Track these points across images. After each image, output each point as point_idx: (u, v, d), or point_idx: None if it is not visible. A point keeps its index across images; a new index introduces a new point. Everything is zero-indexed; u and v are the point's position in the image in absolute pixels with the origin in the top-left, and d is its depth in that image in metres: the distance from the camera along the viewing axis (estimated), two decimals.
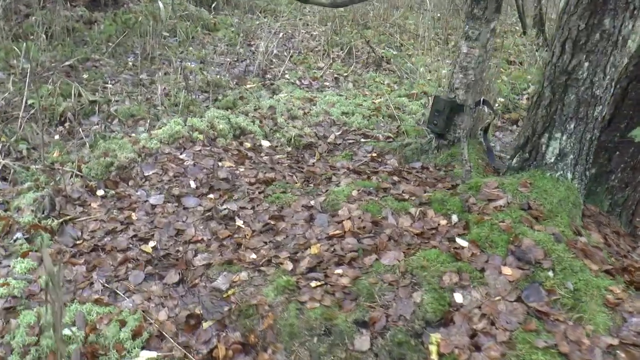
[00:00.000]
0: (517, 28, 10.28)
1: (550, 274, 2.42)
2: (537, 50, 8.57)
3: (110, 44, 5.83)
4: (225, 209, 3.19)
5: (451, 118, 3.90)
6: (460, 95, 3.88)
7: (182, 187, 3.45)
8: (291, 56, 7.01)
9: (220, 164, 3.77)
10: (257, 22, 8.00)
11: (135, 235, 3.03)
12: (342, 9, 9.07)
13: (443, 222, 2.88)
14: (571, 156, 3.04)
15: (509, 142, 5.09)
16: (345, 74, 6.80)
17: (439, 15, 10.26)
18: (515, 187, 2.99)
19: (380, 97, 5.96)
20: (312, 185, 3.56)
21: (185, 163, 3.72)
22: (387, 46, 8.09)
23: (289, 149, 4.46)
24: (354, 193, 3.25)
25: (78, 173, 3.65)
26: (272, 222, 3.06)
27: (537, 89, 3.13)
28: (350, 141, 4.59)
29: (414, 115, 5.49)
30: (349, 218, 2.99)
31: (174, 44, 6.47)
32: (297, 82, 6.31)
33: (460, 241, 2.66)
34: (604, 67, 2.91)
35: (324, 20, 8.75)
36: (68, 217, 3.16)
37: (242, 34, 7.18)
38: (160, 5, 5.34)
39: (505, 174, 3.25)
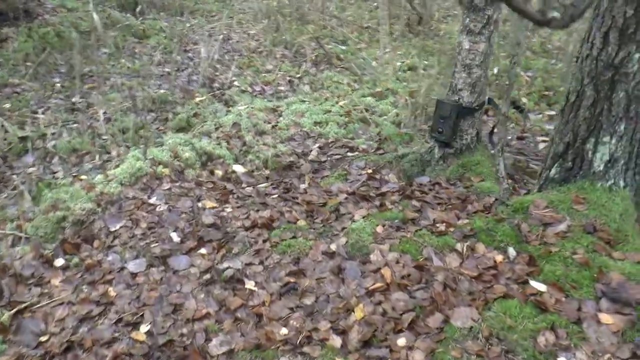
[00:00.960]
0: (455, 12, 10.06)
1: None
2: None
3: (30, 63, 4.96)
4: (227, 268, 2.58)
5: (457, 124, 3.46)
6: (465, 97, 3.44)
7: (162, 242, 2.80)
8: (234, 60, 6.35)
9: (200, 205, 3.13)
10: (189, 25, 7.25)
11: (120, 320, 2.37)
12: (275, 3, 8.45)
13: (499, 257, 2.42)
14: (622, 161, 2.67)
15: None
16: (298, 75, 6.24)
17: (376, 4, 9.87)
18: (568, 204, 2.58)
19: (344, 99, 5.46)
20: (319, 221, 3.00)
21: (157, 209, 3.06)
22: (333, 41, 7.58)
23: (267, 172, 3.87)
24: (379, 229, 2.73)
25: (23, 236, 2.91)
26: (293, 280, 2.49)
27: (574, 87, 2.72)
28: (336, 156, 4.05)
29: (386, 117, 5.04)
30: (386, 264, 2.48)
31: (104, 57, 5.65)
32: (249, 89, 5.69)
33: (536, 284, 2.21)
34: None
35: (259, 17, 8.11)
36: (23, 304, 2.44)
37: (177, 40, 6.43)
38: (95, 16, 4.54)
39: (546, 187, 2.84)
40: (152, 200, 3.13)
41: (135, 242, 2.80)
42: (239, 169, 3.84)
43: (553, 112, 6.30)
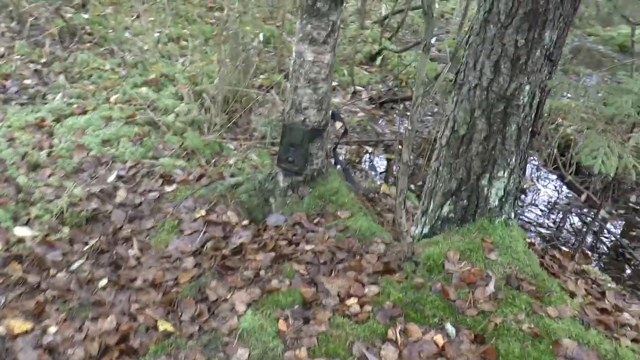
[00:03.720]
0: None
1: None
2: None
3: None
4: None
5: (309, 149, 2.98)
6: (311, 116, 2.96)
7: None
8: None
9: (2, 330, 2.09)
10: None
11: None
12: None
13: (439, 339, 2.10)
14: (512, 194, 2.56)
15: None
16: (44, 61, 4.87)
17: None
18: (481, 254, 2.37)
19: (114, 92, 4.45)
20: (188, 318, 2.26)
21: None
22: (67, 4, 6.13)
23: (67, 231, 2.89)
24: (282, 325, 2.15)
25: None
26: None
27: (463, 118, 2.46)
28: (152, 194, 3.20)
29: (177, 116, 4.24)
30: None
31: None
32: None
33: None
34: (541, 88, 2.42)
35: None
36: None
37: None
38: None
39: (441, 227, 2.59)
40: None
41: None
42: (25, 233, 2.76)
43: (335, 83, 6.20)
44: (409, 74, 6.60)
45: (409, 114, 5.82)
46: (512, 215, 2.58)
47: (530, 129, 2.49)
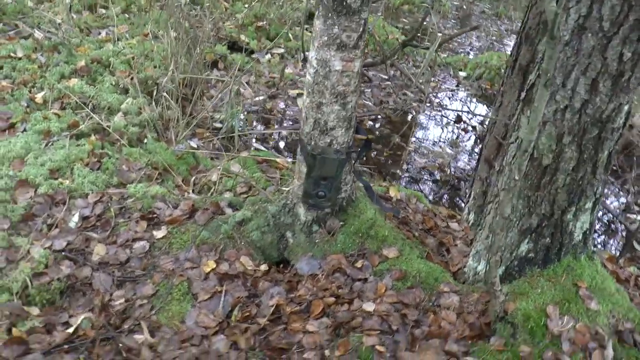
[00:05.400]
0: None
1: None
2: None
3: None
4: None
5: (341, 179, 2.47)
6: (339, 137, 2.44)
7: None
8: None
9: None
10: None
11: None
12: None
13: None
14: (594, 224, 2.25)
15: None
16: None
17: None
18: (581, 305, 2.06)
19: (39, 89, 3.63)
20: None
21: None
22: None
23: (37, 314, 2.22)
24: None
25: None
26: None
27: (547, 145, 2.07)
28: (140, 244, 2.55)
29: (126, 115, 3.50)
30: None
31: None
32: None
33: None
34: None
35: None
36: None
37: None
38: None
39: (518, 269, 2.23)
40: None
41: None
42: None
43: (282, 50, 5.53)
44: None
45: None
46: (592, 247, 2.29)
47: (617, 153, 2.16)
